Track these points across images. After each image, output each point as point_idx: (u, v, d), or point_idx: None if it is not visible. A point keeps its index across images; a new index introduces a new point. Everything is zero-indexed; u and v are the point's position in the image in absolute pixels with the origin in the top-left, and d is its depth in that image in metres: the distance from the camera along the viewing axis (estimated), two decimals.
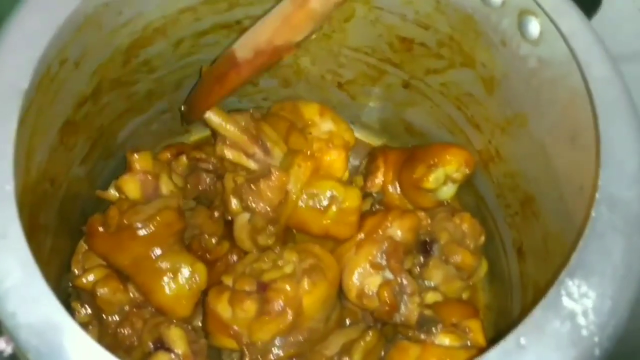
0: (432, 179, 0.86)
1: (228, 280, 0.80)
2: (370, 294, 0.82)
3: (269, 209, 0.81)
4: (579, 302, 0.54)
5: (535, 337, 0.52)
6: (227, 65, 0.81)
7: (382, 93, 0.97)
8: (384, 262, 0.83)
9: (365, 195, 0.94)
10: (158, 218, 0.78)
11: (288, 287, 0.75)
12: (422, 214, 0.88)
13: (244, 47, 0.79)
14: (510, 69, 0.77)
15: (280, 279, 0.76)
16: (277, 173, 0.80)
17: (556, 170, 0.73)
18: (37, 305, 0.53)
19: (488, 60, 0.80)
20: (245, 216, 0.83)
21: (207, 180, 0.91)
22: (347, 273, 0.83)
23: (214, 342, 0.79)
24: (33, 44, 0.64)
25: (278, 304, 0.74)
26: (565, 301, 0.54)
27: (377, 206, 0.94)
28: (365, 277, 0.83)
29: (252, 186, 0.81)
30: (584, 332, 0.53)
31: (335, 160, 0.87)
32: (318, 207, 0.83)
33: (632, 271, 0.56)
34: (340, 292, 0.84)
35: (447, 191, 0.89)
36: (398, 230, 0.84)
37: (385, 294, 0.80)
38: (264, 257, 0.82)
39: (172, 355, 0.76)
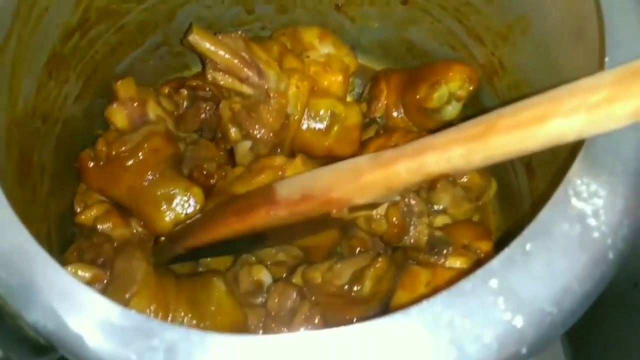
0: (435, 98, 0.83)
1: None
2: (378, 217, 0.79)
3: (271, 134, 0.78)
4: (589, 201, 0.50)
5: (542, 242, 0.49)
6: (259, 199, 0.71)
7: (381, 12, 0.93)
8: None
9: (370, 121, 0.91)
10: (145, 145, 0.77)
11: (278, 159, 0.77)
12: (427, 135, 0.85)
13: (291, 186, 0.69)
14: None
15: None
16: (276, 96, 0.77)
17: (562, 73, 0.69)
18: (3, 235, 0.50)
19: None
20: (247, 144, 0.81)
21: (207, 108, 0.89)
22: None
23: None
24: None
25: (261, 163, 0.76)
26: (574, 202, 0.50)
27: (382, 132, 0.91)
28: None
29: (252, 113, 0.78)
30: (596, 234, 0.49)
31: (332, 82, 0.84)
32: (320, 127, 0.82)
33: None
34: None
35: (452, 110, 0.86)
36: None
37: (393, 216, 0.77)
38: None
39: None
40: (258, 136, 0.78)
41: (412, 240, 0.78)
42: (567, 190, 0.50)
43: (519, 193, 0.85)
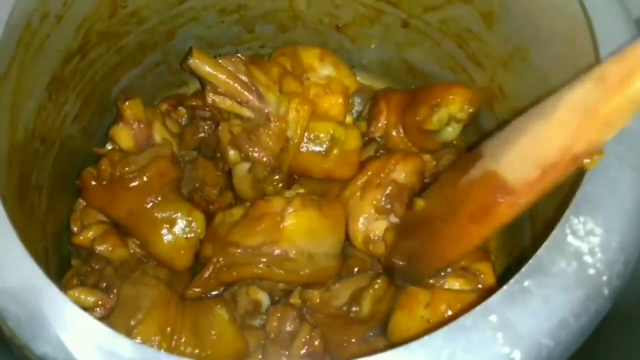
0: (435, 120, 0.83)
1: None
2: (376, 239, 0.80)
3: (271, 157, 0.79)
4: (585, 239, 0.51)
5: (540, 279, 0.50)
6: (488, 196, 0.59)
7: (381, 34, 0.94)
8: (388, 206, 0.81)
9: (369, 140, 0.92)
10: (151, 168, 0.77)
11: (276, 201, 0.74)
12: (427, 157, 0.86)
13: (520, 166, 0.56)
14: (509, 0, 0.74)
15: (274, 195, 0.76)
16: (276, 120, 0.78)
17: None
18: (13, 269, 0.51)
19: None
20: (245, 166, 0.81)
21: (206, 127, 0.89)
22: (352, 219, 0.81)
23: (201, 253, 0.79)
24: None
25: (260, 210, 0.74)
26: (571, 239, 0.51)
27: (382, 151, 0.91)
28: (370, 222, 0.81)
29: (252, 136, 0.78)
30: (592, 271, 0.51)
31: (333, 105, 0.84)
32: (319, 150, 0.82)
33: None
34: (348, 241, 0.82)
35: (452, 132, 0.86)
36: (402, 173, 0.82)
37: (391, 239, 0.78)
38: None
39: None
40: (257, 159, 0.78)
41: None
42: (564, 228, 0.52)
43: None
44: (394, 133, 0.91)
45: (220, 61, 0.78)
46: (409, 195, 0.81)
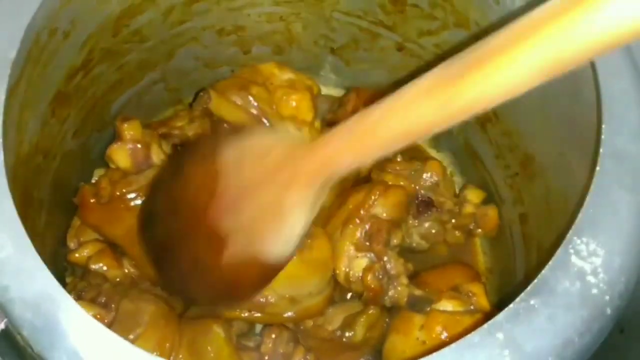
0: None
1: None
2: (355, 279, 0.79)
3: None
4: (588, 260, 0.53)
5: (546, 297, 0.51)
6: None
7: (376, 57, 0.96)
8: (368, 243, 0.79)
9: (334, 123, 0.92)
10: None
11: None
12: (404, 184, 0.85)
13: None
14: (504, 25, 0.75)
15: None
16: None
17: (556, 127, 0.72)
18: (30, 279, 0.51)
19: (482, 19, 0.79)
20: None
21: None
22: (335, 257, 0.80)
23: None
24: (20, 12, 0.63)
25: None
26: (574, 260, 0.53)
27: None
28: (350, 261, 0.79)
29: None
30: (595, 291, 0.52)
31: (301, 100, 0.86)
32: None
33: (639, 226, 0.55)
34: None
35: None
36: (382, 207, 0.81)
37: (369, 279, 0.77)
38: None
39: None
40: None
41: (391, 301, 0.78)
42: (567, 249, 0.53)
43: (511, 237, 0.87)
44: None
45: (232, 98, 0.80)
46: (389, 230, 0.79)
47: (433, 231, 0.85)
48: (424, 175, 0.85)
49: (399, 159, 0.86)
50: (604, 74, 0.61)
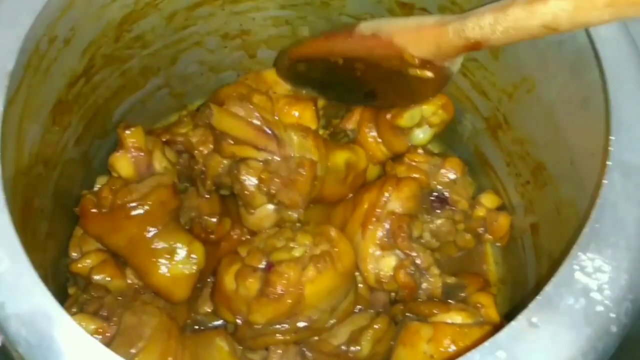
0: (407, 116, 0.84)
1: (243, 252, 0.77)
2: (387, 279, 0.78)
3: (306, 200, 0.80)
4: (593, 276, 0.51)
5: (548, 315, 0.50)
6: (343, 30, 0.81)
7: None
8: (392, 241, 0.79)
9: (339, 132, 0.93)
10: (152, 197, 0.76)
11: (291, 273, 0.71)
12: (417, 176, 0.85)
13: (367, 26, 0.78)
14: None
15: (286, 262, 0.72)
16: (307, 166, 0.79)
17: (566, 135, 0.70)
18: (26, 295, 0.51)
19: None
20: (270, 207, 0.81)
21: (180, 160, 0.88)
22: (360, 260, 0.80)
23: (217, 311, 0.78)
24: (18, 22, 0.62)
25: (278, 288, 0.71)
26: (579, 276, 0.51)
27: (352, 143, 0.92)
28: (377, 262, 0.79)
29: (285, 184, 0.78)
30: (600, 308, 0.50)
31: (304, 109, 0.85)
32: (339, 178, 0.85)
33: None
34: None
35: (422, 136, 0.87)
36: (397, 201, 0.80)
37: (402, 276, 0.77)
38: (281, 233, 0.78)
39: None
40: (289, 203, 0.79)
41: (427, 293, 0.78)
42: (572, 264, 0.52)
43: (522, 246, 0.86)
44: (366, 130, 0.91)
45: (233, 110, 0.79)
46: (409, 224, 0.79)
47: (444, 229, 0.84)
48: (442, 171, 0.85)
49: (420, 151, 0.87)
50: (613, 81, 0.60)
